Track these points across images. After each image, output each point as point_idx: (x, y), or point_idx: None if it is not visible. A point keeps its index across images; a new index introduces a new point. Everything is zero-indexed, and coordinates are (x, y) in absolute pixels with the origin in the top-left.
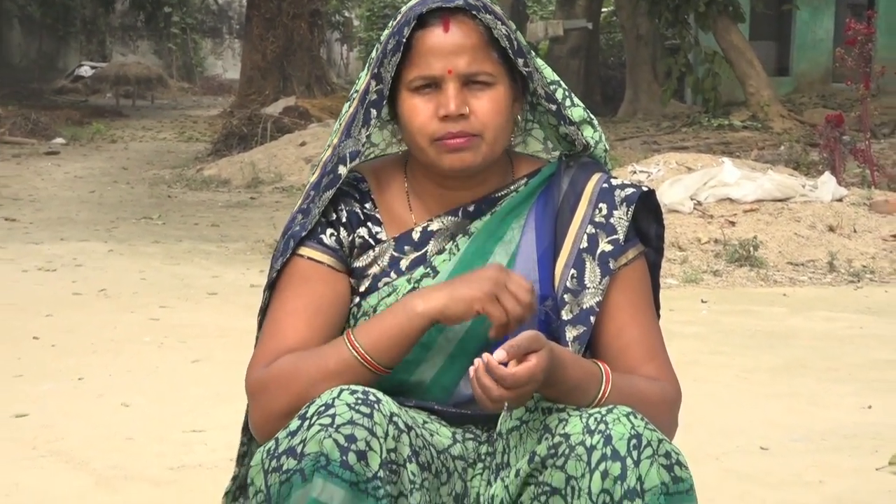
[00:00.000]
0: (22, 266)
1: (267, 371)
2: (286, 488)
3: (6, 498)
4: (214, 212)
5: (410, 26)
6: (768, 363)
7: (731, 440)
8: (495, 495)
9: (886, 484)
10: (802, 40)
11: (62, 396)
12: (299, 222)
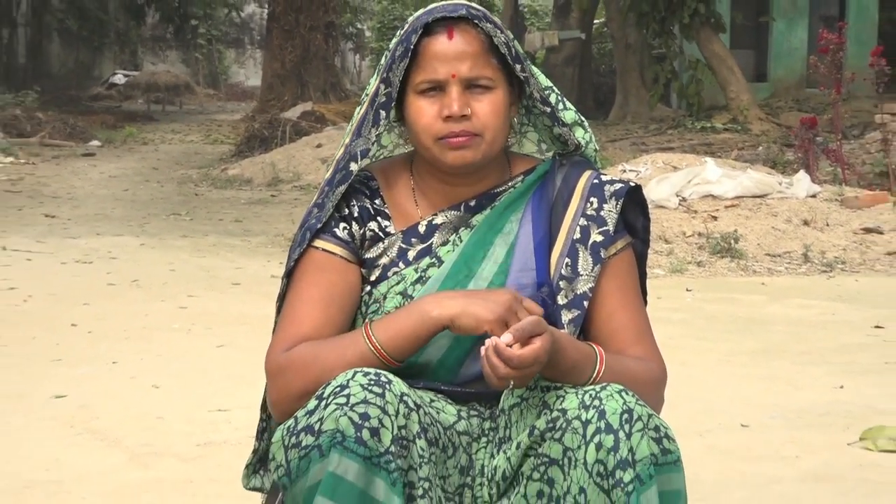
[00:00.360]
0: (61, 259)
1: (286, 356)
2: (305, 463)
3: (46, 472)
4: (238, 208)
5: (417, 34)
6: (748, 347)
7: (713, 418)
8: (498, 467)
9: (857, 458)
10: (779, 49)
11: (98, 379)
12: (315, 216)
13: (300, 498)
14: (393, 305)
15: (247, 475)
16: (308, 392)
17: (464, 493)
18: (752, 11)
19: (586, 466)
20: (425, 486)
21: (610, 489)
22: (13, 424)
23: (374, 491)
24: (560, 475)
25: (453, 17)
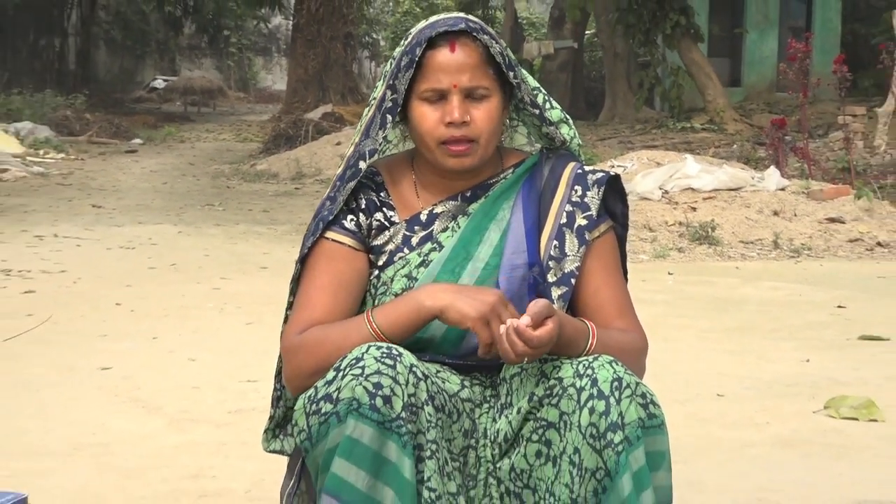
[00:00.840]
0: (106, 245)
1: (299, 338)
2: (325, 428)
3: (93, 436)
4: (265, 200)
5: (422, 47)
6: (723, 324)
7: (692, 388)
8: (500, 430)
9: (822, 424)
10: (751, 57)
11: (139, 353)
12: (327, 208)
13: (320, 459)
14: (399, 287)
15: (266, 440)
16: (318, 371)
17: (468, 454)
18: (727, 23)
19: (580, 429)
20: (433, 447)
21: (602, 449)
22: (64, 393)
23: (387, 452)
24: (557, 437)
25: (454, 30)
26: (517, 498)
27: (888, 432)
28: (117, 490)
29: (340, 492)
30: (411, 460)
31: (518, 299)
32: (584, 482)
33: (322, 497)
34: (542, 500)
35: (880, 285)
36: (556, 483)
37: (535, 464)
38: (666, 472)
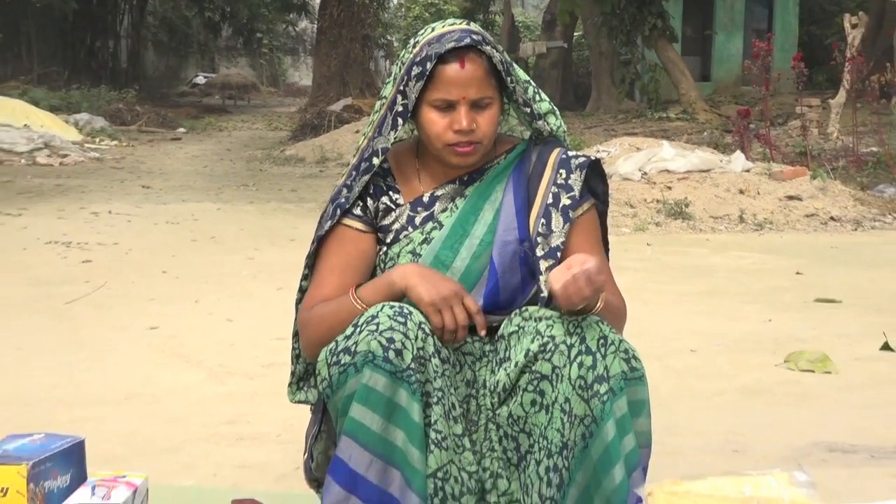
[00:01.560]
0: (154, 220)
1: (308, 314)
2: (343, 377)
3: (143, 387)
4: (293, 181)
5: (433, 62)
6: (695, 289)
7: (669, 345)
8: (499, 381)
9: (782, 375)
10: (720, 55)
11: (183, 314)
12: (344, 195)
13: (340, 405)
14: (405, 262)
15: (292, 392)
16: (322, 342)
17: (470, 402)
18: (698, 25)
19: (570, 381)
20: (439, 394)
21: (589, 399)
22: (118, 350)
23: (399, 399)
24: (549, 388)
25: (462, 46)
26: (514, 441)
27: (840, 383)
28: (164, 434)
29: (357, 433)
30: (420, 406)
31: (510, 271)
32: (574, 427)
33: (342, 438)
34: (536, 443)
35: (833, 254)
36: (548, 428)
37: (531, 411)
38: (646, 418)
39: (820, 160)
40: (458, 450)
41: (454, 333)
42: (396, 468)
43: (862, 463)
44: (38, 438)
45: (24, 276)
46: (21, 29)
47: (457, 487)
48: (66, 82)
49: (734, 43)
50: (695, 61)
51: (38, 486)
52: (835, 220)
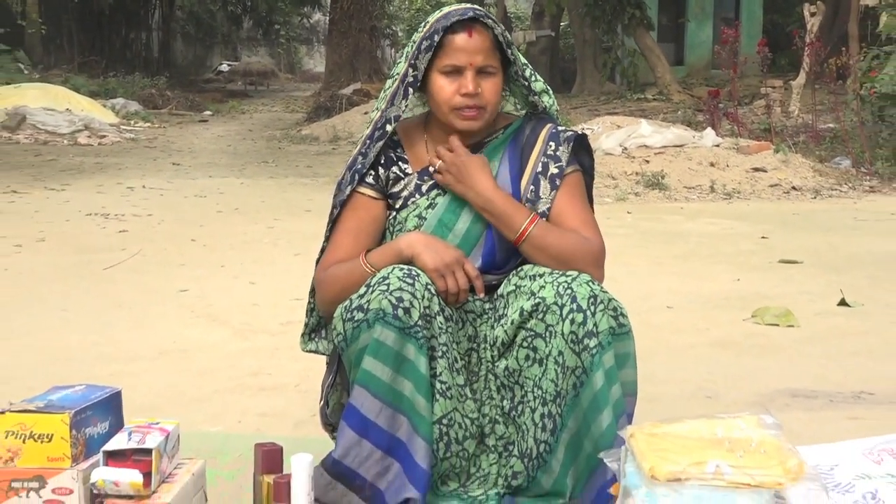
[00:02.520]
0: (184, 194)
1: (323, 275)
2: (357, 332)
3: (174, 343)
4: (308, 157)
5: (440, 34)
6: (671, 252)
7: (647, 303)
8: (497, 336)
9: (748, 329)
10: (692, 42)
11: (210, 278)
12: (360, 162)
13: (353, 357)
14: (412, 225)
15: (304, 342)
16: (335, 300)
17: (471, 355)
18: (672, 15)
19: (563, 336)
20: (443, 349)
21: (580, 352)
22: (151, 311)
23: (407, 352)
24: (543, 344)
25: (467, 18)
26: (510, 390)
27: (801, 335)
28: (193, 386)
29: (369, 383)
30: (426, 359)
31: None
32: (566, 378)
33: (354, 387)
34: (531, 393)
35: (795, 220)
36: (543, 379)
37: (525, 365)
38: (632, 369)
39: (782, 136)
40: (461, 399)
41: (456, 295)
42: (404, 415)
43: (822, 407)
44: (80, 389)
45: (67, 244)
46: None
47: (460, 432)
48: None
49: (705, 30)
50: (669, 47)
51: (80, 433)
52: (796, 189)
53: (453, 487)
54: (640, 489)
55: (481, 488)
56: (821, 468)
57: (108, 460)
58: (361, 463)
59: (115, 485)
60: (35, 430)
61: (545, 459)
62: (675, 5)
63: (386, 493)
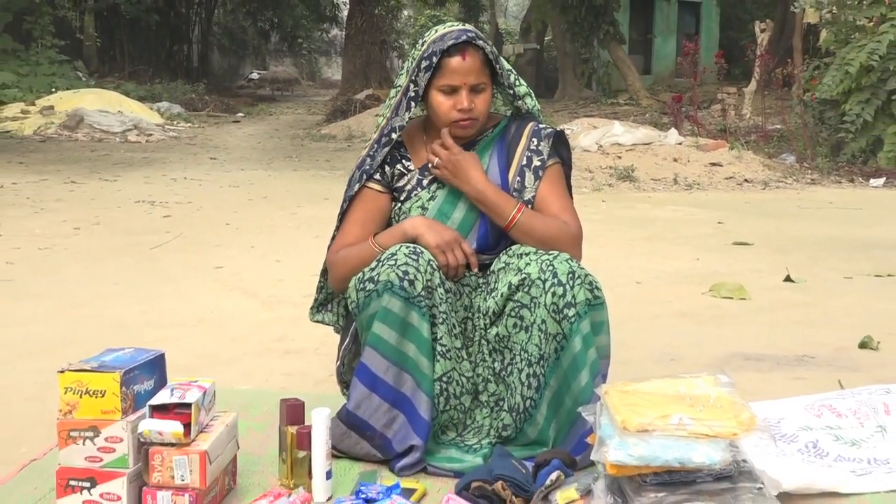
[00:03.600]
0: (219, 184)
1: (335, 256)
2: (368, 300)
3: (211, 313)
4: (327, 153)
5: (438, 56)
6: (640, 235)
7: (619, 278)
8: (489, 307)
9: (706, 301)
10: (658, 54)
11: (242, 257)
12: (368, 164)
13: (364, 322)
14: (415, 214)
15: (312, 313)
16: (347, 277)
17: (467, 323)
18: (641, 30)
19: (546, 307)
20: (443, 316)
21: (560, 320)
22: (191, 285)
23: (411, 319)
24: (528, 313)
25: (461, 42)
26: (500, 354)
27: (752, 307)
28: (227, 349)
29: (378, 345)
30: (428, 325)
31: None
32: (549, 343)
33: (365, 348)
34: (518, 356)
35: (747, 208)
36: (528, 343)
37: (512, 332)
38: (605, 335)
39: (736, 135)
40: (459, 360)
41: (455, 270)
42: (408, 373)
43: (769, 368)
44: (129, 352)
45: (118, 227)
46: (115, 37)
47: (457, 388)
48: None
49: (669, 44)
50: (639, 59)
51: (129, 389)
52: (748, 181)
53: (452, 437)
54: (613, 438)
55: (475, 438)
56: (769, 421)
57: (153, 413)
58: (371, 414)
59: (159, 434)
60: (90, 386)
61: (531, 413)
62: (643, 22)
63: (393, 441)
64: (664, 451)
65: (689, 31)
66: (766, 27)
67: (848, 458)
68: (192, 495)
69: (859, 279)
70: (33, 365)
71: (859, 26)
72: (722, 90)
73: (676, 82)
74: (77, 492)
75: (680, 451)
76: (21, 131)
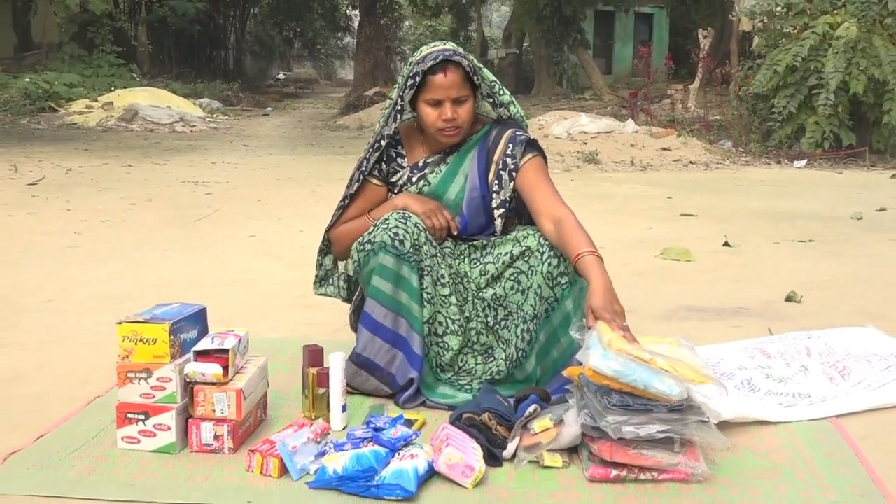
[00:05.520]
0: (252, 167)
1: (336, 231)
2: (367, 258)
3: (244, 274)
4: (342, 141)
5: (420, 76)
6: (603, 209)
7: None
8: (488, 270)
9: (658, 263)
10: (618, 57)
11: (271, 227)
12: (364, 165)
13: (365, 277)
14: None
15: (315, 288)
16: (348, 246)
17: (463, 281)
18: (604, 37)
19: (542, 275)
20: (429, 269)
21: (554, 287)
22: (228, 250)
23: (403, 272)
24: (525, 279)
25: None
26: (494, 310)
27: (697, 267)
28: (258, 304)
29: (377, 295)
30: (417, 276)
31: (476, 216)
32: (542, 304)
33: (367, 299)
34: (514, 314)
35: (691, 185)
36: (524, 304)
37: (510, 293)
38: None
39: (683, 125)
40: (445, 305)
41: (440, 232)
42: (403, 317)
43: (711, 318)
44: (176, 306)
45: (167, 203)
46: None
47: (440, 329)
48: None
49: (627, 49)
50: (602, 61)
51: (176, 338)
52: (692, 163)
53: (448, 376)
54: (598, 349)
55: (468, 378)
56: (710, 362)
57: (196, 357)
58: (375, 354)
59: (202, 375)
60: (144, 335)
61: (521, 362)
62: (605, 31)
63: (396, 375)
64: (634, 372)
65: (644, 38)
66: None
67: (776, 392)
68: (230, 425)
69: (785, 244)
70: (96, 317)
71: (786, 33)
72: (671, 87)
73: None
74: (134, 423)
75: (647, 377)
76: (86, 123)
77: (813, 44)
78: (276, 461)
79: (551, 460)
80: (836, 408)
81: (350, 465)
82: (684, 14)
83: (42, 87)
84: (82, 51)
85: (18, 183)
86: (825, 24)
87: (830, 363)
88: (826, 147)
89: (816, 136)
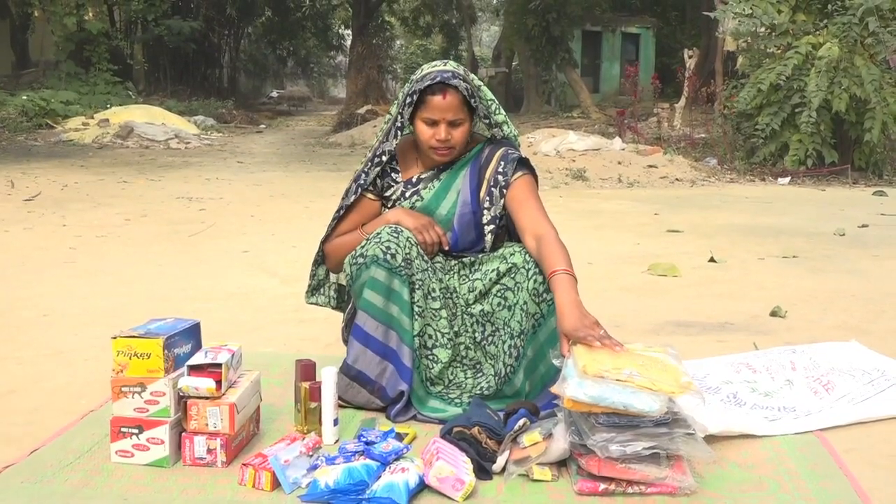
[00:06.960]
0: (245, 183)
1: (330, 244)
2: (359, 272)
3: (238, 289)
4: (334, 158)
5: (418, 95)
6: (591, 224)
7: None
8: (476, 287)
9: (645, 278)
10: (606, 76)
11: (264, 242)
12: (362, 178)
13: (357, 290)
14: None
15: (307, 297)
16: (340, 262)
17: (452, 296)
18: (592, 57)
19: (528, 291)
20: (419, 283)
21: (539, 303)
22: (222, 266)
23: (394, 286)
24: (512, 295)
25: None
26: (482, 326)
27: (683, 283)
28: (252, 318)
29: (368, 308)
30: (408, 290)
31: (466, 232)
32: (528, 320)
33: (358, 312)
34: (501, 330)
35: (678, 202)
36: (511, 320)
37: (497, 309)
38: None
39: (669, 142)
40: (435, 318)
41: (431, 246)
42: (394, 330)
43: (697, 333)
44: (170, 321)
45: (162, 219)
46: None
47: (430, 341)
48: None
49: (614, 68)
50: (589, 80)
51: (170, 352)
52: (678, 180)
53: (438, 389)
54: (573, 378)
55: (457, 391)
56: (696, 377)
57: (190, 371)
58: (366, 366)
59: (196, 389)
60: (138, 350)
61: (510, 378)
62: (593, 50)
63: (386, 388)
64: (612, 395)
65: (631, 58)
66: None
67: (762, 406)
68: (223, 439)
69: (770, 260)
70: (91, 332)
71: (769, 53)
72: (657, 105)
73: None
74: (127, 437)
75: (625, 397)
76: (82, 140)
77: (797, 63)
78: (268, 475)
79: (541, 474)
80: (820, 421)
81: (342, 479)
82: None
83: (39, 105)
84: (79, 69)
85: (15, 199)
86: (808, 45)
87: (815, 377)
88: (809, 164)
89: (800, 153)
